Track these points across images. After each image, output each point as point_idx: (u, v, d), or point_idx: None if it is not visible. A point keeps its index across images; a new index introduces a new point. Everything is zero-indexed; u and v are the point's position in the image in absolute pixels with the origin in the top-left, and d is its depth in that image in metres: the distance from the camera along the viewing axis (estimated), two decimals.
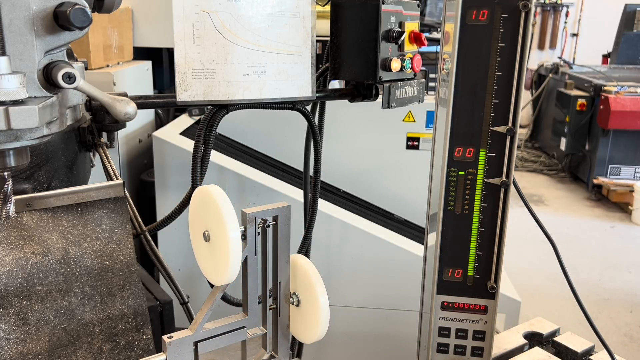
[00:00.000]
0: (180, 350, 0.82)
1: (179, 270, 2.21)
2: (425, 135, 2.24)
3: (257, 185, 2.12)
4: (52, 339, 0.94)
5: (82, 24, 0.81)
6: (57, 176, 1.13)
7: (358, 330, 2.22)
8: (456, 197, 1.07)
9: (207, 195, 0.81)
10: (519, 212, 1.39)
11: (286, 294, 0.91)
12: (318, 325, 0.86)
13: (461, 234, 1.08)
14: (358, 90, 1.38)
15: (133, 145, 2.43)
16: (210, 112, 1.24)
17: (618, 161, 5.24)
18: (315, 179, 1.50)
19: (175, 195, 2.17)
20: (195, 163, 1.27)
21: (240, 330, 0.89)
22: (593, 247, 4.41)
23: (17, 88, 0.75)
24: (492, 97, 1.02)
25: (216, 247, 0.81)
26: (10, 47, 0.80)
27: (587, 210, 5.20)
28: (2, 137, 0.80)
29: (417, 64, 1.30)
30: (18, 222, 0.97)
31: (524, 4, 0.98)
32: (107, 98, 0.86)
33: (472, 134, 1.04)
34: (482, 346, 1.13)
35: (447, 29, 1.04)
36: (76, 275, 0.99)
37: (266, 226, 0.86)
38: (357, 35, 1.24)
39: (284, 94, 1.25)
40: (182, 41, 1.13)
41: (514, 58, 1.00)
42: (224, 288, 0.84)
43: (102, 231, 1.04)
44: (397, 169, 2.30)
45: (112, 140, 1.31)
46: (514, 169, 1.06)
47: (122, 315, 1.01)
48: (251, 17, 1.17)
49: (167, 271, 1.41)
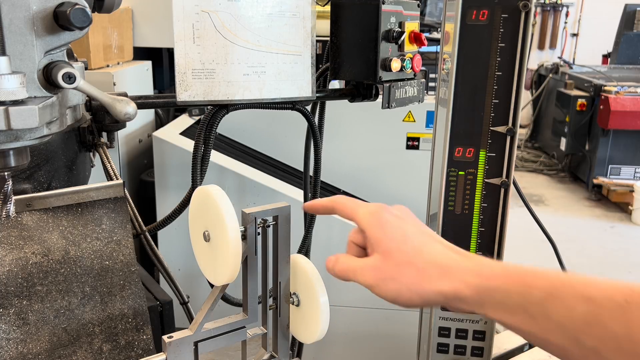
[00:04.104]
0: (180, 350, 0.82)
1: (179, 270, 2.21)
2: (425, 135, 2.24)
3: (257, 185, 2.12)
4: (52, 339, 0.94)
5: (82, 24, 0.81)
6: (57, 176, 1.13)
7: (358, 330, 2.22)
8: (456, 197, 1.07)
9: (207, 195, 0.81)
10: (519, 212, 1.39)
11: (286, 294, 0.91)
12: (318, 325, 0.86)
13: (461, 234, 1.08)
14: (358, 90, 1.38)
15: (133, 145, 2.43)
16: (210, 112, 1.24)
17: (618, 161, 5.24)
18: (315, 179, 1.50)
19: (175, 195, 2.17)
20: (195, 163, 1.27)
21: (240, 330, 0.89)
22: (593, 247, 4.41)
23: (17, 88, 0.75)
24: (492, 97, 1.02)
25: (216, 247, 0.81)
26: (10, 47, 0.80)
27: (587, 210, 5.20)
28: (2, 137, 0.80)
29: (417, 64, 1.30)
30: (18, 222, 0.97)
31: (524, 4, 0.98)
32: (107, 98, 0.86)
33: (472, 134, 1.05)
34: (482, 346, 1.13)
35: (447, 29, 1.04)
36: (76, 275, 0.99)
37: (266, 226, 0.86)
38: (357, 35, 1.24)
39: (284, 94, 1.25)
40: (182, 41, 1.13)
41: (514, 58, 1.00)
42: (224, 288, 0.84)
43: (102, 231, 1.04)
44: (397, 169, 2.30)
45: (112, 140, 1.31)
46: (514, 169, 1.06)
47: (122, 315, 1.01)
48: (251, 17, 1.17)
49: (167, 271, 1.41)
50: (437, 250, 0.65)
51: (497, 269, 0.60)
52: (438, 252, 0.65)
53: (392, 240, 0.66)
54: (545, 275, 0.57)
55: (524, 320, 0.56)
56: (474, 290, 0.60)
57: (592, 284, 0.54)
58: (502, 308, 0.58)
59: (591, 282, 0.55)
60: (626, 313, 0.50)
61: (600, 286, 0.54)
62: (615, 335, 0.50)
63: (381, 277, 0.65)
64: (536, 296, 0.56)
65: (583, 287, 0.54)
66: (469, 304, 0.61)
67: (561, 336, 0.53)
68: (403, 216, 0.70)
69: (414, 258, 0.64)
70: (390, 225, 0.67)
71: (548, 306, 0.55)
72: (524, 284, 0.57)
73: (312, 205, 0.79)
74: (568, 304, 0.53)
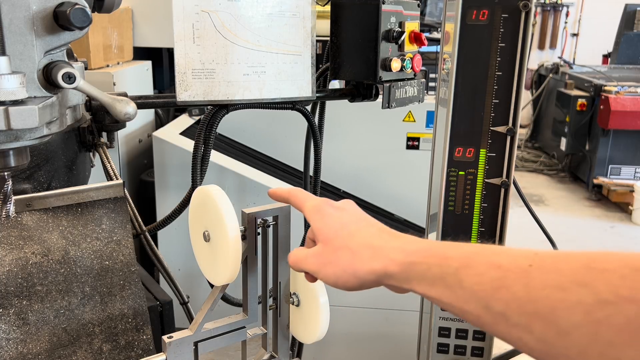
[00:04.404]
0: (180, 350, 0.82)
1: (179, 270, 2.21)
2: (425, 135, 2.24)
3: (257, 185, 2.12)
4: (52, 339, 0.94)
5: (82, 24, 0.81)
6: (57, 176, 1.13)
7: (358, 330, 2.22)
8: (456, 197, 1.07)
9: (207, 195, 0.81)
10: (519, 212, 1.39)
11: (286, 294, 0.91)
12: (318, 325, 0.86)
13: (461, 234, 1.08)
14: (358, 90, 1.38)
15: (133, 145, 2.43)
16: (210, 112, 1.24)
17: (618, 161, 5.23)
18: (315, 179, 1.50)
19: (175, 195, 2.17)
20: (195, 163, 1.27)
21: (240, 330, 0.89)
22: (593, 247, 4.40)
23: (17, 88, 0.75)
24: (492, 97, 1.02)
25: (216, 247, 0.81)
26: (10, 47, 0.80)
27: (587, 210, 5.20)
28: (2, 137, 0.80)
29: (417, 64, 1.30)
30: (18, 222, 0.97)
31: (524, 4, 0.98)
32: (107, 98, 0.86)
33: (472, 134, 1.05)
34: (482, 346, 1.13)
35: (447, 29, 1.04)
36: (76, 275, 0.99)
37: (266, 226, 0.86)
38: (357, 35, 1.24)
39: (284, 94, 1.25)
40: (182, 41, 1.13)
41: (514, 58, 1.00)
42: (224, 288, 0.84)
43: (102, 231, 1.04)
44: (397, 169, 2.30)
45: (112, 140, 1.31)
46: (514, 169, 1.06)
47: (122, 315, 1.01)
48: (251, 17, 1.17)
49: (167, 271, 1.41)
50: (370, 232, 0.69)
51: (421, 245, 0.63)
52: (370, 234, 0.69)
53: (331, 228, 0.71)
54: (462, 247, 0.60)
55: (443, 291, 0.58)
56: (400, 266, 0.63)
57: (502, 252, 0.56)
58: (424, 281, 0.60)
59: (502, 250, 0.57)
60: (528, 276, 0.51)
61: (510, 253, 0.56)
62: (517, 297, 0.51)
63: (322, 262, 0.69)
64: (452, 267, 0.58)
65: (494, 255, 0.56)
66: (398, 279, 0.63)
67: (474, 304, 0.55)
68: (344, 207, 0.75)
69: (348, 242, 0.68)
70: (329, 216, 0.72)
71: (461, 275, 0.57)
72: (443, 256, 0.60)
73: (273, 192, 0.84)
74: (479, 271, 0.55)
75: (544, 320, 0.49)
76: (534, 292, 0.50)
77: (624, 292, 0.45)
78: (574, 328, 0.47)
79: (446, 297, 0.58)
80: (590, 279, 0.47)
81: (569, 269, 0.50)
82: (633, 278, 0.45)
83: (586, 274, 0.48)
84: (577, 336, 0.47)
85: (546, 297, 0.49)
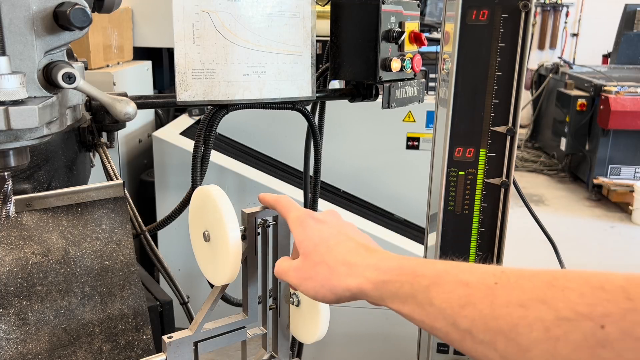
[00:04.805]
0: (180, 350, 0.82)
1: (179, 270, 2.21)
2: (425, 135, 2.24)
3: (257, 185, 2.12)
4: (52, 339, 0.94)
5: (82, 24, 0.81)
6: (57, 176, 1.13)
7: (358, 330, 2.22)
8: (456, 197, 1.07)
9: (207, 195, 0.81)
10: (519, 212, 1.39)
11: (286, 294, 0.91)
12: (318, 325, 0.86)
13: (461, 234, 1.08)
14: (358, 90, 1.38)
15: (133, 145, 2.43)
16: (210, 112, 1.24)
17: (618, 161, 5.23)
18: (315, 179, 1.50)
19: (175, 195, 2.17)
20: (195, 163, 1.27)
21: (240, 330, 0.89)
22: (593, 247, 4.41)
23: (17, 88, 0.75)
24: (492, 97, 1.02)
25: (216, 247, 0.81)
26: (10, 47, 0.80)
27: (587, 210, 5.20)
28: (2, 137, 0.80)
29: (417, 64, 1.30)
30: (18, 222, 0.97)
31: (524, 4, 0.98)
32: (107, 98, 0.86)
33: (472, 134, 1.05)
34: None
35: (447, 29, 1.04)
36: (76, 275, 0.99)
37: (266, 226, 0.86)
38: (357, 35, 1.24)
39: (284, 94, 1.25)
40: (182, 41, 1.13)
41: (514, 58, 1.00)
42: (224, 288, 0.84)
43: (102, 231, 1.04)
44: (397, 169, 2.30)
45: (112, 140, 1.31)
46: (514, 169, 1.06)
47: (122, 315, 1.01)
48: (251, 17, 1.17)
49: (167, 271, 1.41)
50: (347, 247, 0.69)
51: (394, 263, 0.64)
52: (348, 250, 0.69)
53: (310, 241, 0.71)
54: (432, 265, 0.61)
55: (414, 308, 0.59)
56: (373, 284, 0.63)
57: (470, 270, 0.57)
58: (397, 299, 0.61)
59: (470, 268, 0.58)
60: (493, 293, 0.52)
61: (478, 271, 0.56)
62: (483, 315, 0.52)
63: (302, 276, 0.70)
64: (422, 285, 0.59)
65: (462, 273, 0.57)
66: (372, 297, 0.64)
67: (443, 321, 0.56)
68: (325, 220, 0.75)
69: (326, 257, 0.69)
70: (310, 228, 0.73)
71: (431, 293, 0.57)
72: (414, 274, 0.60)
73: (262, 197, 0.84)
74: (448, 289, 0.56)
75: (506, 337, 0.49)
76: (498, 310, 0.51)
77: (582, 309, 0.46)
78: (534, 344, 0.47)
79: (417, 315, 0.59)
80: (550, 297, 0.48)
81: (532, 287, 0.50)
82: (592, 295, 0.46)
83: (547, 292, 0.49)
84: (538, 352, 0.47)
85: (508, 314, 0.50)
